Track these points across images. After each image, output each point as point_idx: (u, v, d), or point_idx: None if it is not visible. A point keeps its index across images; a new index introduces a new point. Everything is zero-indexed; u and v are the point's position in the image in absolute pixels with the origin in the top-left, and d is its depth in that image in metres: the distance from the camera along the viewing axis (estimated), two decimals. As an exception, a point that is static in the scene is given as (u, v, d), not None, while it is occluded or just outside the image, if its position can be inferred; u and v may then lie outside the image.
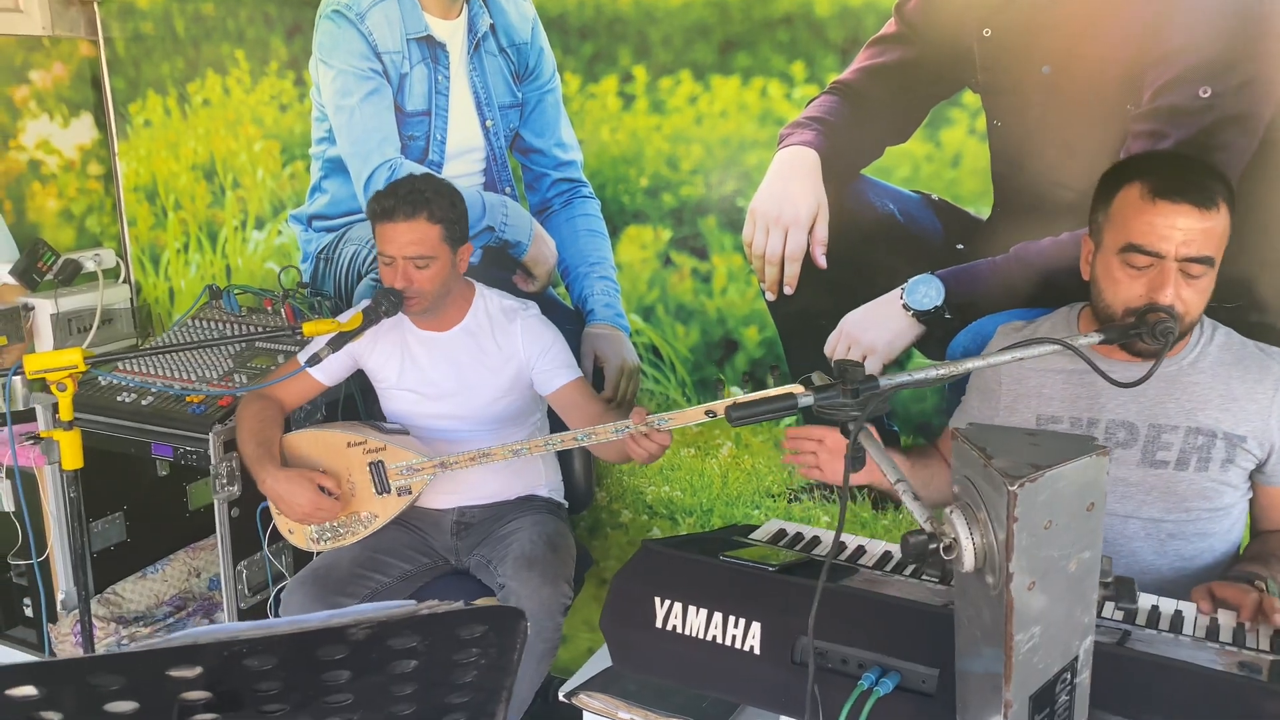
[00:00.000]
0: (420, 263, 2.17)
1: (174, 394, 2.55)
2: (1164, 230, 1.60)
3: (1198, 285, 1.63)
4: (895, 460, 1.33)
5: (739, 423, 1.27)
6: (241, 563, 2.51)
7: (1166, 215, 1.60)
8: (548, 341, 2.32)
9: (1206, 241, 1.60)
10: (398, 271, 2.16)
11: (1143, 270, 1.62)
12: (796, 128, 2.32)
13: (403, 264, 2.16)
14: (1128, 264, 1.64)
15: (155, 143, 3.21)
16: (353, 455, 2.28)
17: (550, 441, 2.15)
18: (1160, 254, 1.60)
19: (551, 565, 2.14)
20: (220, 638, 0.72)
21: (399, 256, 2.15)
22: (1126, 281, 1.64)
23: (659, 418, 2.02)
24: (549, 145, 2.63)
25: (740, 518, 2.60)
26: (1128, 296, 1.64)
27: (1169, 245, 1.60)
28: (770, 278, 2.42)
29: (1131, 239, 1.63)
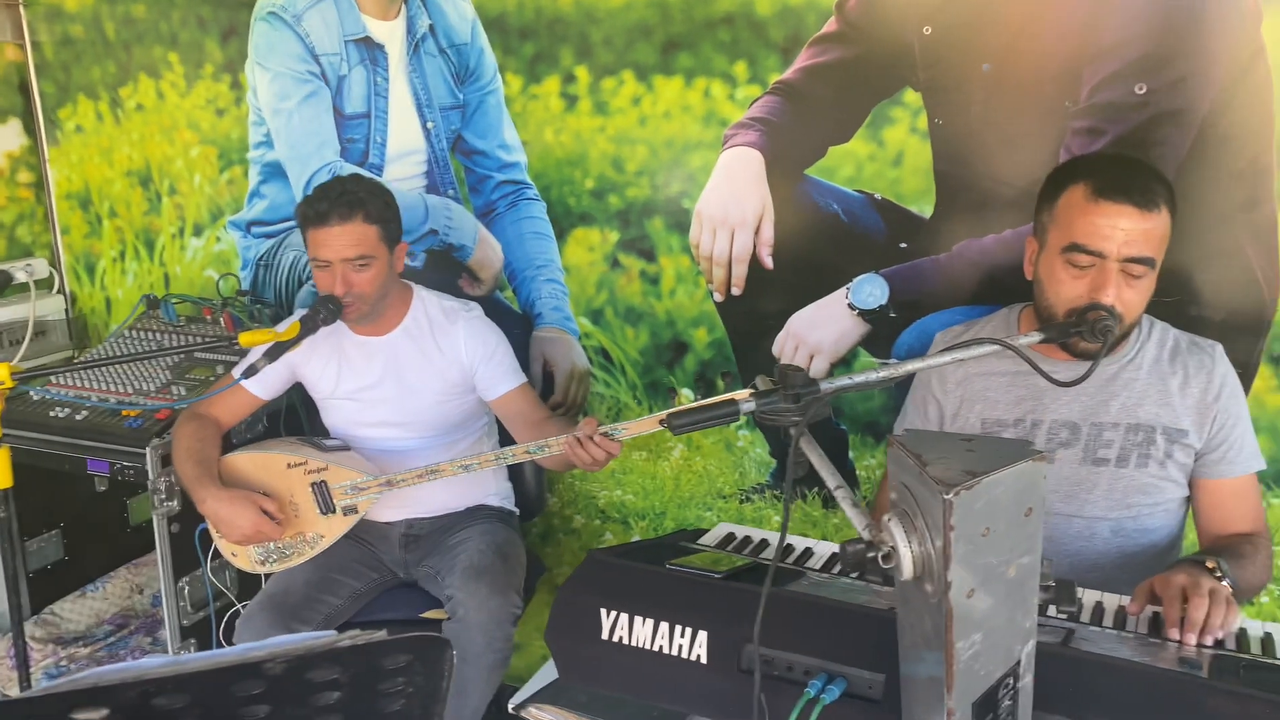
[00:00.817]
0: (359, 264, 2.12)
1: (109, 408, 2.48)
2: (1106, 230, 1.61)
3: (1139, 286, 1.64)
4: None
5: (681, 431, 1.25)
6: (183, 579, 2.45)
7: (1109, 215, 1.61)
8: (491, 345, 2.28)
9: (1148, 242, 1.61)
10: (336, 276, 2.11)
11: (1085, 270, 1.63)
12: (740, 128, 2.31)
13: (341, 268, 2.11)
14: (1070, 264, 1.64)
15: (88, 149, 3.13)
16: (294, 476, 2.22)
17: (501, 456, 2.11)
18: (1102, 253, 1.61)
19: (500, 575, 2.10)
20: (127, 677, 0.69)
21: (336, 260, 2.10)
22: (1069, 281, 1.65)
23: (612, 427, 2.00)
24: (492, 147, 2.59)
25: (693, 520, 2.59)
26: (1070, 296, 1.64)
27: (1111, 245, 1.60)
28: (718, 279, 2.41)
29: (1074, 238, 1.63)
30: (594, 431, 1.94)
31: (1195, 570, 1.45)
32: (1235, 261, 1.97)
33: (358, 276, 2.12)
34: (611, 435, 1.97)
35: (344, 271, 2.10)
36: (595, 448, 1.99)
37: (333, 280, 2.11)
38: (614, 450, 2.00)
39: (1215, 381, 1.73)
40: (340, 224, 2.08)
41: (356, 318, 2.19)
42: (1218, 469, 1.73)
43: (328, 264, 2.11)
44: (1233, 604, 1.40)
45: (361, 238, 2.10)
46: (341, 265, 2.10)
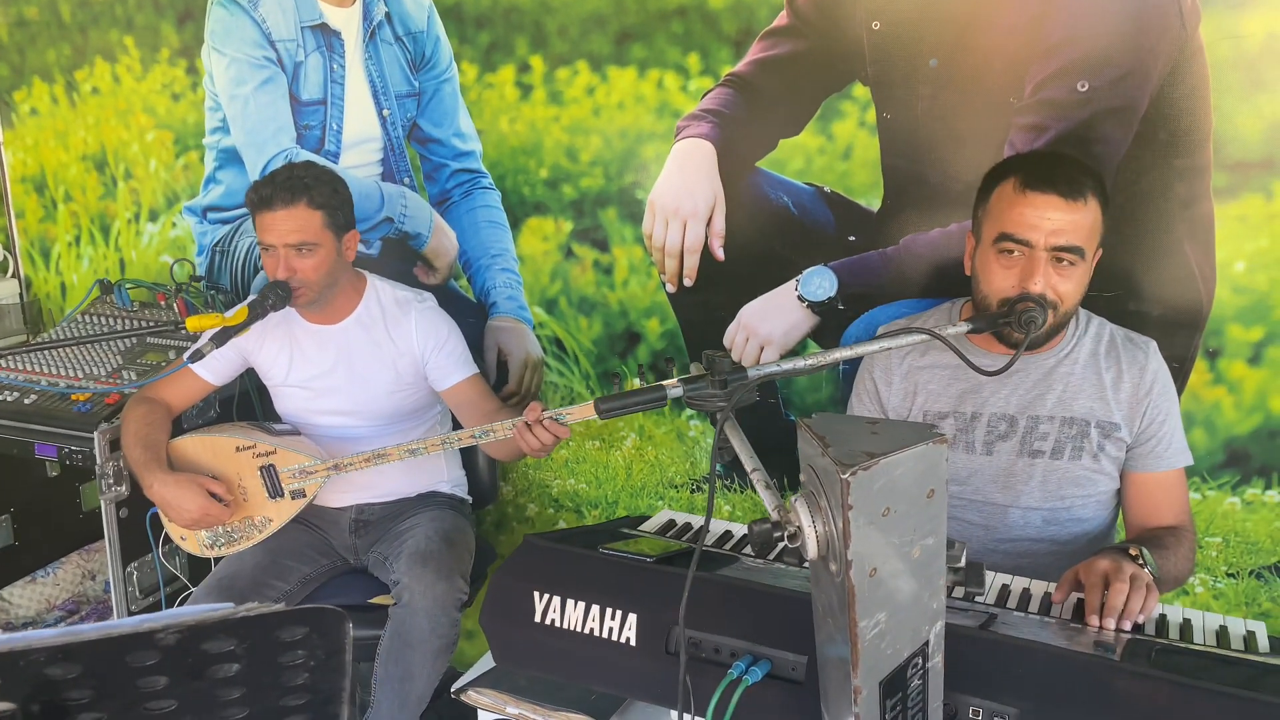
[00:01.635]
0: (302, 250, 2.12)
1: (59, 392, 2.47)
2: (1033, 219, 1.64)
3: (1071, 275, 1.67)
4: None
5: (608, 415, 1.27)
6: (131, 564, 2.44)
7: (1035, 206, 1.65)
8: (443, 336, 2.29)
9: (1075, 232, 1.64)
10: (279, 261, 2.11)
11: (1015, 260, 1.67)
12: (693, 120, 2.33)
13: (284, 252, 2.11)
14: (1001, 253, 1.68)
15: (43, 132, 3.10)
16: (243, 460, 2.22)
17: (447, 440, 2.12)
18: (1029, 242, 1.65)
19: (446, 561, 2.11)
20: (17, 647, 0.70)
21: (279, 245, 2.10)
22: (1000, 271, 1.68)
23: (555, 413, 2.00)
24: (447, 135, 2.59)
25: (645, 508, 2.61)
26: (1001, 286, 1.68)
27: (1038, 234, 1.64)
28: (670, 270, 2.42)
29: (1003, 229, 1.67)
30: (540, 416, 1.95)
31: (1118, 557, 1.48)
32: (1174, 258, 2.01)
33: (301, 262, 2.12)
34: (560, 421, 1.97)
35: (287, 256, 2.10)
36: (543, 431, 1.98)
37: (277, 264, 2.11)
38: (562, 434, 1.99)
39: (1147, 377, 1.76)
40: (284, 208, 2.08)
41: (304, 303, 2.19)
42: (1146, 462, 1.76)
43: (271, 247, 2.11)
44: (1153, 589, 1.43)
45: (304, 223, 2.10)
46: (285, 250, 2.10)
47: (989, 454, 1.82)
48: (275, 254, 2.11)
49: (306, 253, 2.12)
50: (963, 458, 1.84)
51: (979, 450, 1.83)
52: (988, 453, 1.82)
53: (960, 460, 1.85)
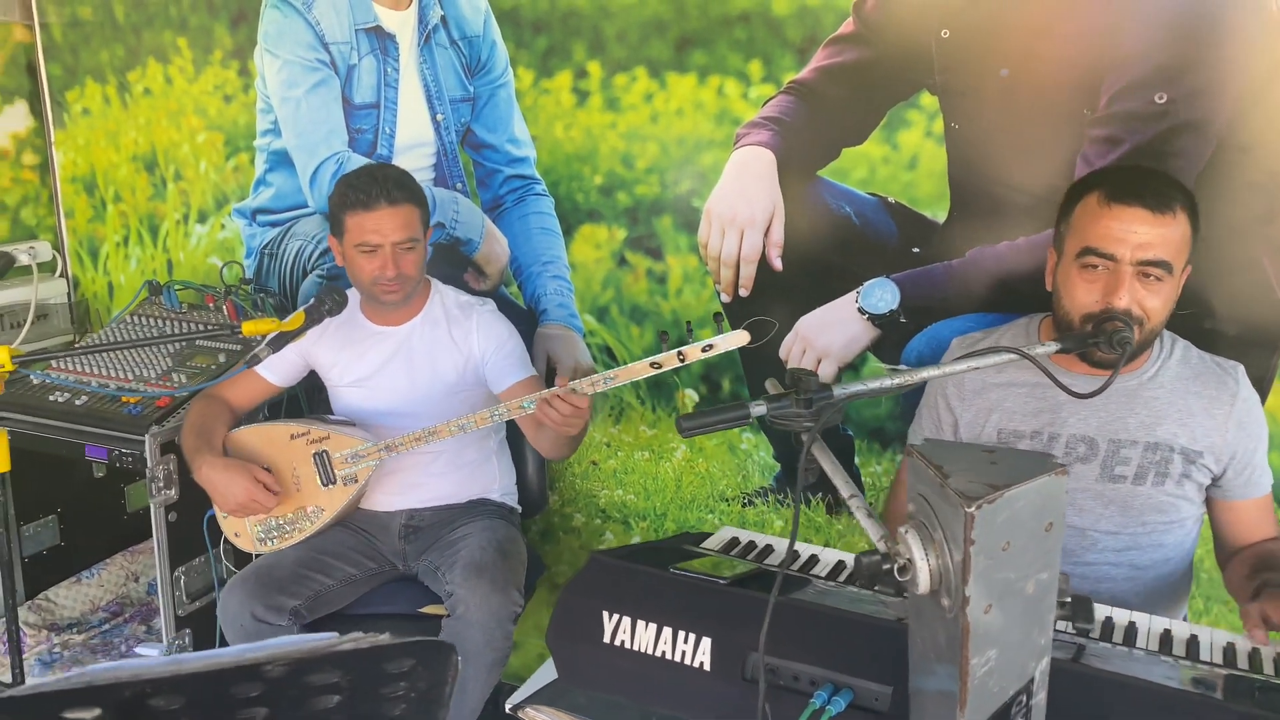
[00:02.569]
0: (407, 245, 2.14)
1: (109, 394, 2.46)
2: (1118, 233, 1.60)
3: (1158, 291, 1.62)
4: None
5: (690, 433, 1.23)
6: (179, 569, 2.42)
7: (1121, 219, 1.60)
8: (503, 338, 2.27)
9: (1163, 246, 1.59)
10: (386, 258, 2.12)
11: (1099, 274, 1.62)
12: (753, 127, 2.29)
13: (391, 250, 2.12)
14: (1085, 268, 1.64)
15: (94, 132, 3.11)
16: (296, 447, 2.21)
17: (496, 412, 2.07)
18: (1114, 256, 1.60)
19: (501, 572, 2.08)
20: (121, 676, 0.67)
21: (386, 243, 2.11)
22: (1084, 286, 1.64)
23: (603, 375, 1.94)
24: (501, 141, 2.57)
25: (694, 522, 2.57)
26: (1085, 302, 1.63)
27: (1124, 248, 1.59)
28: (725, 279, 2.38)
29: (1087, 242, 1.63)
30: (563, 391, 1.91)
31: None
32: (1252, 275, 1.95)
33: (405, 258, 2.14)
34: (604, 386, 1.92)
35: (395, 253, 2.11)
36: (561, 403, 1.94)
37: (383, 263, 2.12)
38: (579, 404, 1.94)
39: (1239, 408, 1.71)
40: (390, 206, 2.10)
41: (401, 299, 2.19)
42: (1237, 491, 1.71)
43: (376, 248, 2.12)
44: None
45: (408, 219, 2.13)
46: (392, 247, 2.10)
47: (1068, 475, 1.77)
48: (381, 253, 2.12)
49: (409, 249, 2.13)
50: (1035, 479, 1.80)
51: None
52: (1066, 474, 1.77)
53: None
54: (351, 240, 2.14)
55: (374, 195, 2.10)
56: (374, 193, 2.10)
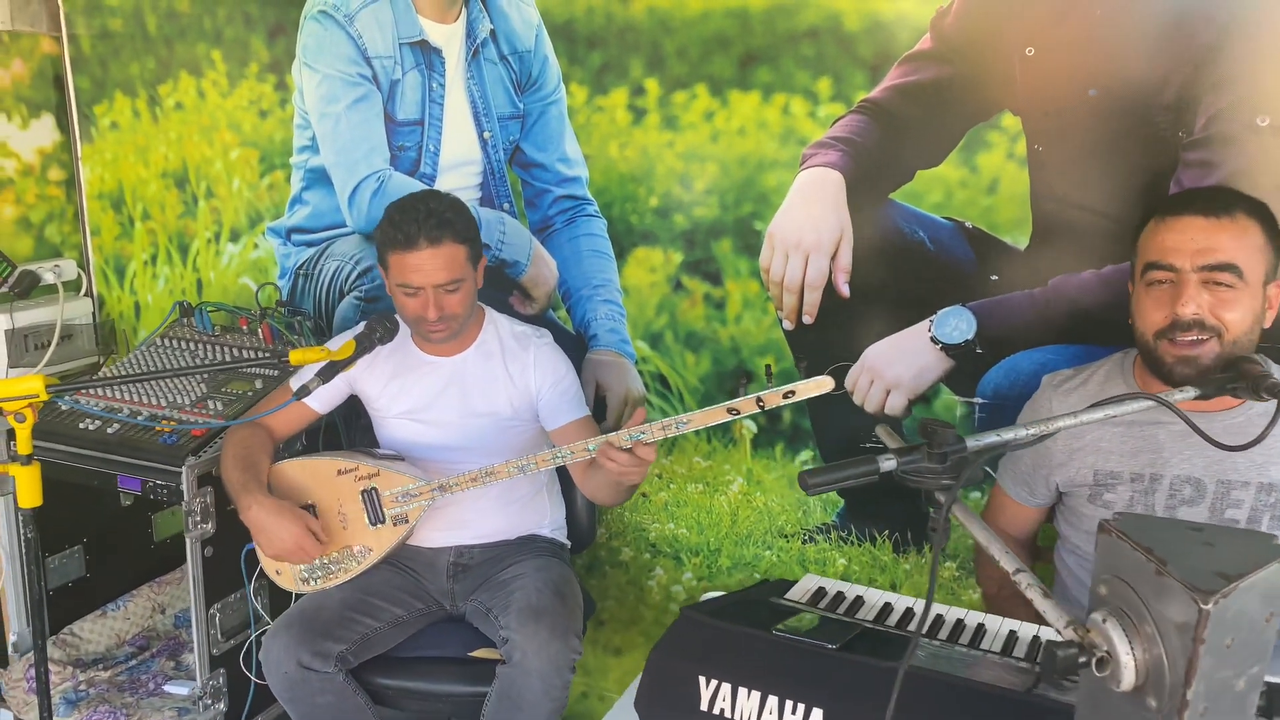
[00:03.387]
0: (450, 288, 2.01)
1: (142, 423, 2.35)
2: (1174, 243, 1.60)
3: (1232, 301, 1.57)
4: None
5: (816, 490, 1.12)
6: (215, 605, 2.31)
7: (1175, 229, 1.61)
8: (560, 373, 2.16)
9: (1225, 250, 1.57)
10: (428, 302, 2.00)
11: (1164, 289, 1.62)
12: (820, 148, 2.19)
13: (433, 294, 2.00)
14: (1150, 285, 1.64)
15: (122, 147, 3.01)
16: (343, 484, 2.10)
17: (559, 454, 1.97)
18: (1174, 266, 1.60)
19: (560, 617, 1.97)
20: None
21: (428, 286, 1.99)
22: (1151, 304, 1.64)
23: (676, 420, 1.84)
24: (552, 160, 2.47)
25: (750, 558, 2.46)
26: (1154, 319, 1.63)
27: (1182, 257, 1.59)
28: (788, 305, 2.28)
29: (1148, 258, 1.65)
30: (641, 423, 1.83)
31: None
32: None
33: (449, 299, 2.02)
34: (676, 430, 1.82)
35: (436, 296, 1.99)
36: (623, 455, 1.85)
37: (424, 306, 2.00)
38: (645, 454, 1.85)
39: None
40: (431, 247, 1.97)
41: (445, 338, 2.08)
42: None
43: (418, 290, 1.99)
44: None
45: (451, 259, 2.00)
46: (433, 290, 1.99)
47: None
48: (422, 295, 2.00)
49: (453, 290, 2.01)
50: (1137, 523, 1.70)
51: (1160, 515, 1.67)
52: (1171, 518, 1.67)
53: (1133, 526, 1.70)
54: (393, 279, 2.04)
55: (414, 234, 1.98)
56: (413, 231, 1.98)
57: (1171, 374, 1.60)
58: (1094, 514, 1.77)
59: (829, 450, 2.34)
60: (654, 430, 1.86)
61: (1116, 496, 1.73)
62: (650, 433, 1.85)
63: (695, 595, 2.53)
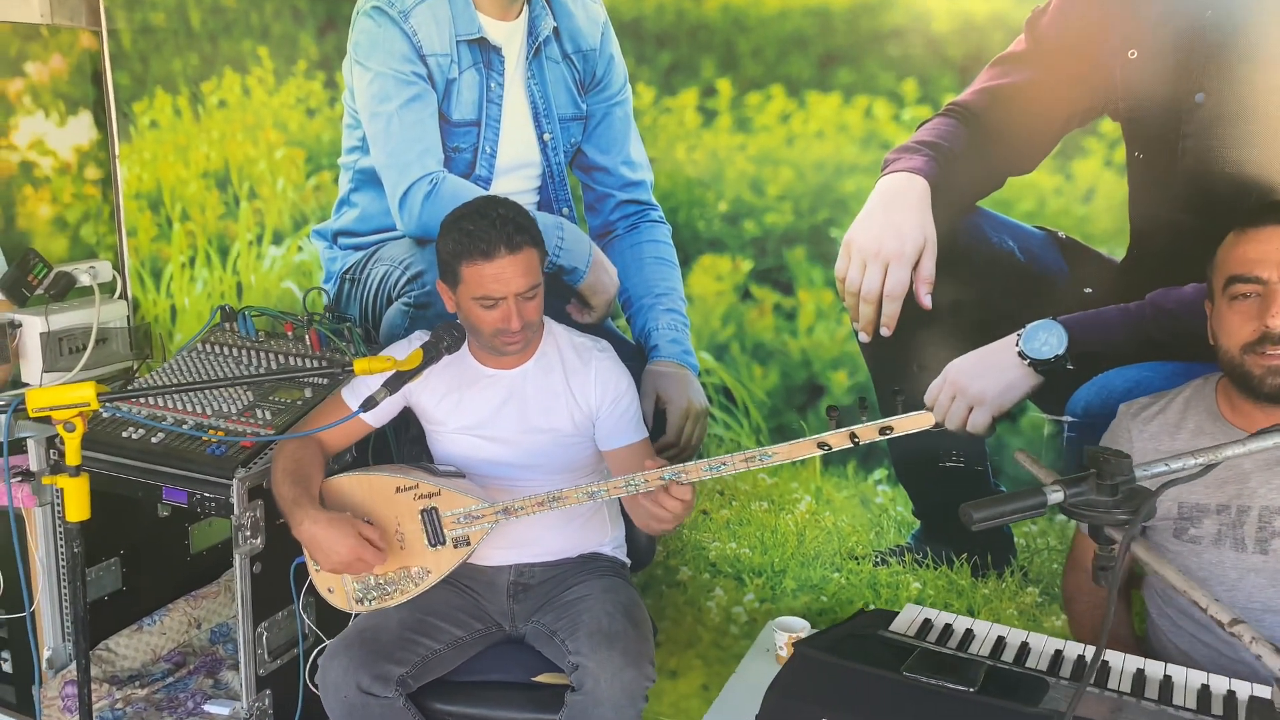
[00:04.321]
0: (529, 295, 1.92)
1: (187, 432, 2.25)
2: (1257, 254, 1.56)
3: None
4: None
5: (981, 525, 1.02)
6: (262, 624, 2.21)
7: (1258, 239, 1.57)
8: (620, 390, 2.06)
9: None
10: (510, 311, 1.91)
11: (1249, 302, 1.57)
12: (904, 152, 2.09)
13: (515, 303, 1.90)
14: (1234, 299, 1.59)
15: (162, 146, 2.92)
16: (402, 502, 2.00)
17: (631, 482, 1.87)
18: (1260, 278, 1.55)
19: (633, 642, 1.87)
20: None
21: (510, 295, 1.89)
22: (1236, 320, 1.58)
23: (760, 451, 1.74)
24: (615, 163, 2.37)
25: (817, 580, 2.36)
26: (1241, 333, 1.57)
27: (1268, 268, 1.54)
28: (865, 317, 2.18)
29: (1230, 271, 1.59)
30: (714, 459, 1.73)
31: None
32: None
33: (529, 307, 1.93)
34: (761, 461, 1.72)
35: (517, 305, 1.90)
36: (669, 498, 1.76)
37: (506, 316, 1.91)
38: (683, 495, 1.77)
39: None
40: (510, 254, 1.87)
41: (520, 350, 1.99)
42: None
43: (498, 301, 1.90)
44: None
45: (529, 265, 1.91)
46: (515, 299, 1.89)
47: (1263, 553, 1.58)
48: (504, 306, 1.90)
49: (532, 297, 1.92)
50: (1231, 556, 1.61)
51: (1250, 548, 1.58)
52: (1262, 551, 1.58)
53: (1229, 560, 1.61)
54: (469, 293, 1.93)
55: (493, 242, 1.88)
56: (493, 239, 1.88)
57: (1261, 386, 1.55)
58: (1179, 550, 1.67)
59: (904, 469, 2.24)
60: (735, 462, 1.76)
61: (1202, 531, 1.64)
62: (733, 463, 1.75)
63: (757, 618, 2.43)
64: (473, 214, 1.93)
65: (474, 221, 1.91)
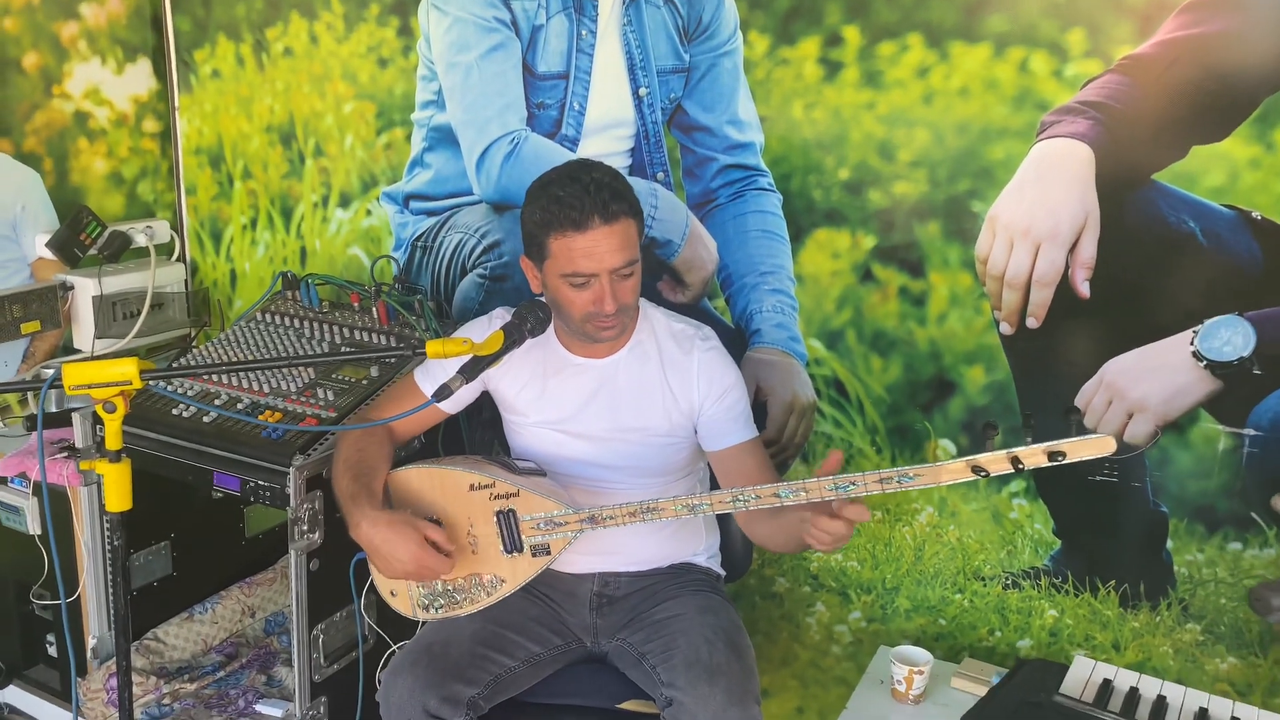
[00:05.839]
0: (626, 271, 1.66)
1: (241, 413, 2.05)
2: None
3: None
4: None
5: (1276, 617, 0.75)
6: (319, 625, 2.01)
7: None
8: (727, 384, 1.80)
9: None
10: (604, 290, 1.65)
11: None
12: (1066, 114, 1.79)
13: (609, 279, 1.65)
14: None
15: (224, 97, 2.71)
16: (476, 501, 1.76)
17: (740, 497, 1.61)
18: None
19: (737, 679, 1.62)
20: None
21: (604, 271, 1.64)
22: None
23: (899, 472, 1.47)
24: (720, 122, 2.10)
25: (935, 601, 2.09)
26: None
27: None
28: (1010, 305, 1.89)
29: None
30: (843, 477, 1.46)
31: None
32: None
33: (625, 286, 1.67)
34: (898, 483, 1.45)
35: (612, 283, 1.64)
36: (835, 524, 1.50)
37: (599, 298, 1.65)
38: (859, 517, 1.49)
39: None
40: (605, 225, 1.61)
41: (615, 337, 1.74)
42: None
43: (590, 278, 1.64)
44: None
45: (626, 237, 1.64)
46: (609, 277, 1.64)
47: None
48: (597, 284, 1.65)
49: (629, 274, 1.66)
50: None
51: None
52: None
53: None
54: (557, 269, 1.67)
55: (586, 211, 1.62)
56: (586, 207, 1.62)
57: None
58: None
59: (1046, 481, 1.96)
60: (867, 482, 1.49)
61: None
62: (866, 484, 1.48)
63: (863, 639, 2.17)
64: (563, 178, 1.67)
65: (564, 187, 1.65)
